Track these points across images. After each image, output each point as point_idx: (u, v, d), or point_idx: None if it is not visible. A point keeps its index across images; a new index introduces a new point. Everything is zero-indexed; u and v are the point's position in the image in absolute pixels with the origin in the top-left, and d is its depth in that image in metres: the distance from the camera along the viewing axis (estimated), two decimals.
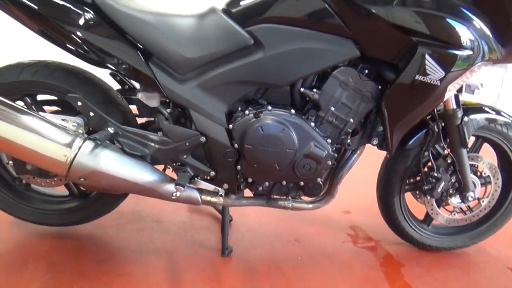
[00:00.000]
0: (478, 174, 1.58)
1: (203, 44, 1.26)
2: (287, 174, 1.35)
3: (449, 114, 1.42)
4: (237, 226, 1.77)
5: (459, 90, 1.46)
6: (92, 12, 1.20)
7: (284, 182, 1.38)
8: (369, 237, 1.80)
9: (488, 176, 1.59)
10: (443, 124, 1.46)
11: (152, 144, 1.33)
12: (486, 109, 1.53)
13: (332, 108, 1.29)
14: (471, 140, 1.56)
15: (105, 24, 1.22)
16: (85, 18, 1.19)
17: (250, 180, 1.40)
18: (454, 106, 1.42)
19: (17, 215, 1.54)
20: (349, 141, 1.35)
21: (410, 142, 1.48)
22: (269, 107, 1.30)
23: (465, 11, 1.19)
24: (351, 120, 1.31)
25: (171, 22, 1.26)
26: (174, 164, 1.38)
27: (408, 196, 1.65)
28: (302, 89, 1.30)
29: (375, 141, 1.37)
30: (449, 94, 1.31)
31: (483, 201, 1.62)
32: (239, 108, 1.34)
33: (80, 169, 1.21)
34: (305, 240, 1.72)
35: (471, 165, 1.56)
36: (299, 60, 1.25)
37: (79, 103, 1.26)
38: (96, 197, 1.55)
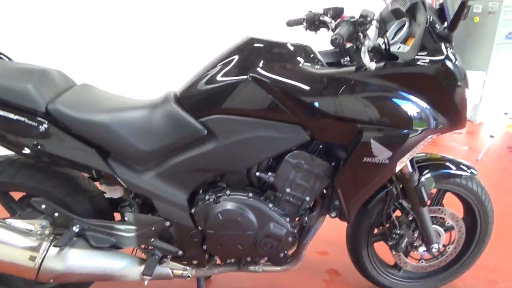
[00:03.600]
0: (442, 223, 1.63)
1: (158, 137, 1.30)
2: (250, 252, 1.40)
3: (405, 177, 1.46)
4: (217, 280, 1.83)
5: None
6: (46, 122, 1.23)
7: (249, 258, 1.44)
8: (345, 282, 1.86)
9: (452, 225, 1.64)
10: (401, 186, 1.50)
11: (119, 233, 1.38)
12: (447, 163, 1.55)
13: (288, 189, 1.34)
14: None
15: (60, 131, 1.25)
16: (39, 130, 1.22)
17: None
18: (410, 170, 1.46)
19: None
20: (306, 218, 1.39)
21: (371, 203, 1.53)
22: (228, 192, 1.34)
23: (405, 95, 1.22)
24: (307, 198, 1.36)
25: (124, 117, 1.29)
26: (142, 247, 1.43)
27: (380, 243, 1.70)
28: (258, 173, 1.34)
29: (333, 214, 1.42)
30: (401, 166, 1.35)
31: (449, 248, 1.68)
32: (201, 191, 1.39)
33: (49, 272, 1.27)
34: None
35: (435, 217, 1.61)
36: (251, 148, 1.28)
37: (43, 206, 1.31)
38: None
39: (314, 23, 1.53)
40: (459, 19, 1.17)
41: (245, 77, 1.23)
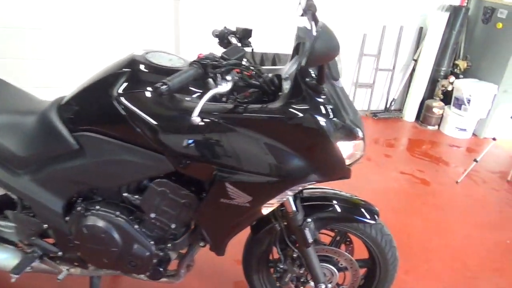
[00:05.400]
0: (335, 263, 1.57)
1: (34, 144, 1.31)
2: (117, 266, 1.42)
3: (289, 216, 1.40)
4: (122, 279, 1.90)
5: (300, 192, 1.43)
6: None
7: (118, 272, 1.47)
8: None
9: (346, 267, 1.57)
10: (285, 223, 1.44)
11: (1, 229, 1.45)
12: (346, 206, 1.45)
13: (153, 214, 1.32)
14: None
15: None
16: None
17: None
18: (294, 209, 1.39)
19: None
20: (170, 245, 1.38)
21: (260, 233, 1.50)
22: (97, 207, 1.35)
23: (264, 141, 1.14)
24: (173, 226, 1.34)
25: (3, 122, 1.32)
26: (26, 243, 1.49)
27: None
28: (125, 194, 1.34)
29: (202, 243, 1.40)
30: (268, 210, 1.28)
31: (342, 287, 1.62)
32: (79, 201, 1.40)
33: None
34: None
35: (329, 257, 1.55)
36: (116, 169, 1.27)
37: None
38: None
39: (223, 40, 1.45)
40: (323, 76, 1.05)
41: (111, 99, 1.20)
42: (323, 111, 1.12)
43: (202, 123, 1.12)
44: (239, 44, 1.41)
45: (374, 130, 3.99)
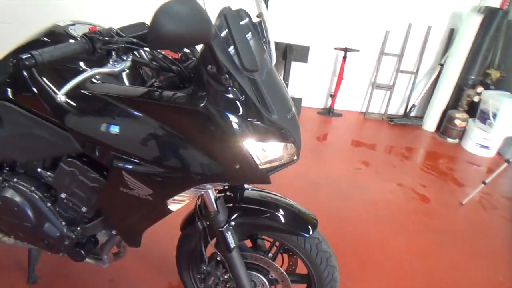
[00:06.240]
0: (266, 274, 1.44)
1: None
2: (33, 242, 1.39)
3: (210, 216, 1.29)
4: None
5: (226, 190, 1.31)
6: None
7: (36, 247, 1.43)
8: None
9: (276, 279, 1.44)
10: (208, 223, 1.33)
11: None
12: (278, 213, 1.32)
13: (63, 195, 1.27)
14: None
15: None
16: None
17: None
18: (215, 209, 1.27)
19: None
20: (79, 228, 1.32)
21: (185, 230, 1.41)
22: (15, 179, 1.31)
23: (164, 129, 1.03)
24: (83, 209, 1.27)
25: None
26: None
27: None
28: (39, 170, 1.29)
29: (114, 231, 1.32)
30: (176, 207, 1.18)
31: None
32: (4, 171, 1.38)
33: None
34: (120, 281, 1.79)
35: (262, 268, 1.43)
36: (27, 144, 1.23)
37: None
38: None
39: None
40: (220, 64, 0.92)
41: (18, 66, 1.15)
42: (226, 105, 0.99)
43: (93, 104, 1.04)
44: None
45: (386, 136, 3.72)
